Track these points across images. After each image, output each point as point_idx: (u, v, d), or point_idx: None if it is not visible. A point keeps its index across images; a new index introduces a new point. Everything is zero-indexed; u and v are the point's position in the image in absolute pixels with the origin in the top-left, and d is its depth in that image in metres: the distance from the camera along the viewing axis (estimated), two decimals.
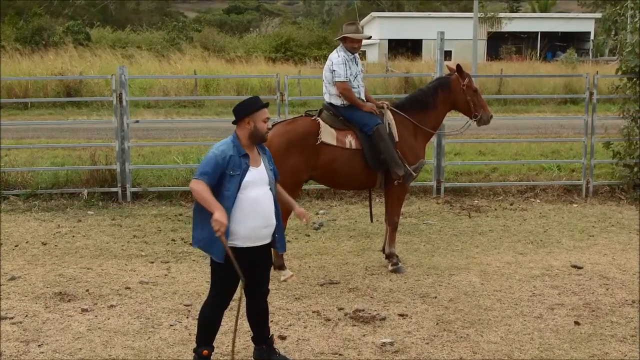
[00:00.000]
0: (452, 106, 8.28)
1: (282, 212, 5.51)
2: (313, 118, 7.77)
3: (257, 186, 5.10)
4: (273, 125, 7.73)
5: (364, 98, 7.93)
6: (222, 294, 5.22)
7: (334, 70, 7.70)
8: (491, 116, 8.31)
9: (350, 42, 7.80)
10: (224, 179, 5.01)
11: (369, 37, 8.54)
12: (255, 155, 5.19)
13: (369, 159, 7.68)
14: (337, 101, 7.77)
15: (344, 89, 7.68)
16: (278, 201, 5.37)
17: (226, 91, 25.55)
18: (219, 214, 4.82)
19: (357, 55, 7.93)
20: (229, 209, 4.97)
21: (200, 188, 4.94)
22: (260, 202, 5.11)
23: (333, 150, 7.60)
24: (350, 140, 7.68)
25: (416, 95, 8.25)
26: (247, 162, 5.09)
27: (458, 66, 8.15)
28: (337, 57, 7.77)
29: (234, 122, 5.20)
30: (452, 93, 8.12)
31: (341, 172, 7.71)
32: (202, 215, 5.03)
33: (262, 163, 5.22)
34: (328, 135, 7.60)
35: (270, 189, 5.24)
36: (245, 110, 5.13)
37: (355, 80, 7.81)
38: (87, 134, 16.68)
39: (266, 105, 5.20)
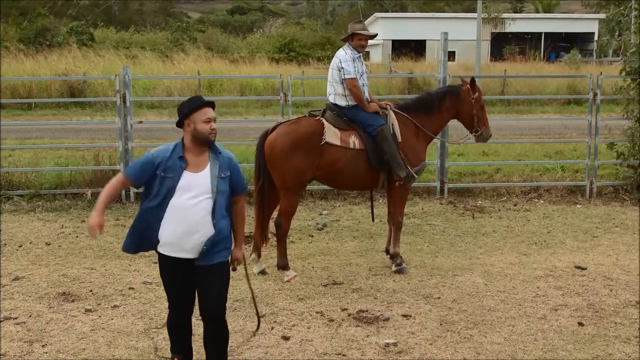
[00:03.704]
0: (456, 116, 8.29)
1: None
2: (317, 118, 7.76)
3: (188, 192, 4.68)
4: (277, 126, 7.75)
5: (368, 98, 7.93)
6: (169, 298, 5.01)
7: (343, 68, 7.68)
8: (490, 135, 8.34)
9: (358, 39, 7.80)
10: (154, 180, 4.74)
11: (376, 35, 8.55)
12: (198, 160, 4.78)
13: (373, 159, 7.67)
14: (342, 102, 7.76)
15: (353, 85, 7.66)
16: (233, 220, 4.96)
17: (230, 92, 25.56)
18: (92, 217, 4.69)
19: (361, 55, 7.94)
20: (153, 211, 4.74)
21: (110, 182, 4.86)
22: (187, 210, 4.68)
23: (337, 150, 7.59)
24: (354, 141, 7.67)
25: (423, 97, 8.26)
26: (182, 165, 4.73)
27: (472, 79, 8.19)
28: (344, 54, 7.76)
29: (177, 125, 4.85)
30: (459, 103, 8.14)
31: (344, 172, 7.70)
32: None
33: (206, 169, 4.77)
34: (332, 135, 7.59)
35: (212, 197, 4.74)
36: (183, 111, 4.78)
37: (361, 79, 7.80)
38: (91, 135, 16.71)
39: (207, 104, 4.81)
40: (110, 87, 22.81)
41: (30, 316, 6.52)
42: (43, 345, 5.89)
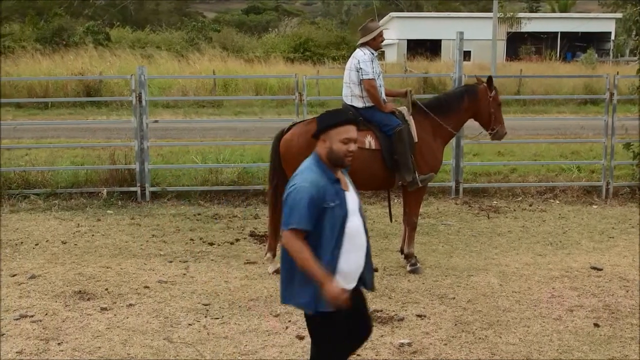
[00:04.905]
0: (473, 115, 8.27)
1: None
2: None
3: (354, 213, 4.21)
4: (292, 125, 7.76)
5: (385, 98, 7.92)
6: (342, 343, 4.33)
7: (361, 69, 7.66)
8: (505, 133, 8.33)
9: (379, 35, 7.81)
10: (323, 214, 4.06)
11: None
12: (343, 178, 4.30)
13: (388, 159, 7.66)
14: (359, 103, 7.75)
15: (371, 86, 7.65)
16: None
17: (245, 91, 25.62)
18: (332, 288, 3.97)
19: (376, 55, 7.94)
20: (331, 249, 4.10)
21: (297, 249, 4.01)
22: (360, 232, 4.24)
23: None
24: (369, 141, 7.66)
25: (440, 98, 8.25)
26: (340, 187, 4.18)
27: (490, 78, 8.19)
28: (362, 55, 7.73)
29: (313, 136, 4.26)
30: (478, 102, 8.12)
31: (360, 172, 7.67)
32: (295, 270, 4.16)
33: (351, 185, 4.35)
34: None
35: (362, 213, 4.35)
36: (321, 125, 4.16)
37: (378, 79, 7.79)
38: (107, 134, 16.79)
39: (350, 121, 4.15)
40: (126, 87, 22.91)
41: (46, 314, 6.56)
42: (59, 343, 5.92)
